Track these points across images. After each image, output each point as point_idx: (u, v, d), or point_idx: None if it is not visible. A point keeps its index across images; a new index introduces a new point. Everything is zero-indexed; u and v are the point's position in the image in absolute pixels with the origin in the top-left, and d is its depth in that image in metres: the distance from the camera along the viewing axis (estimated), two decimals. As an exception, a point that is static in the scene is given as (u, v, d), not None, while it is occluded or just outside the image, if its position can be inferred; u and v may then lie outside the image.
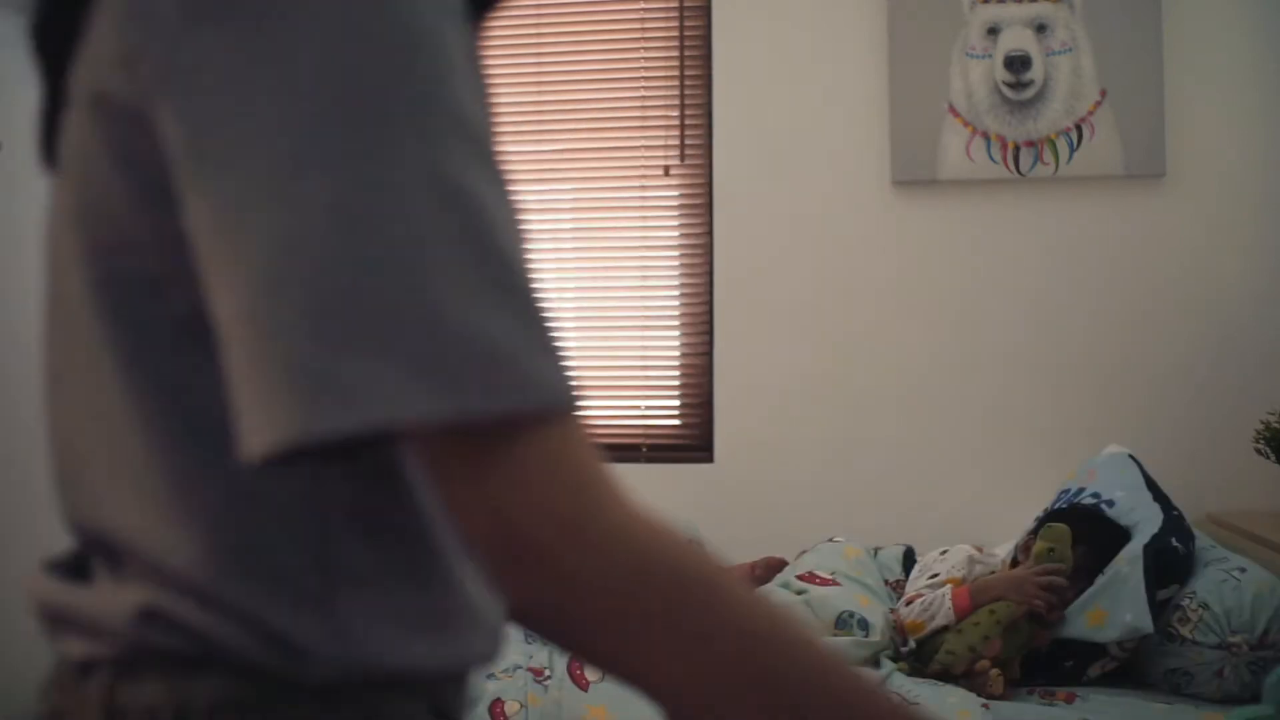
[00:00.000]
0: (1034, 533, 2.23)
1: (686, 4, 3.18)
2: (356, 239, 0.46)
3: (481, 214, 0.48)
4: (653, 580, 0.50)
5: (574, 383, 0.50)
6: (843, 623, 2.08)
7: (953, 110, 2.97)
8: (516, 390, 0.47)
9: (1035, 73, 2.93)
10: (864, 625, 2.07)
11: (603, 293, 3.18)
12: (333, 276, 0.46)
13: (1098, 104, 2.91)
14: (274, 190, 0.47)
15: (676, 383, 3.17)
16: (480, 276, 0.48)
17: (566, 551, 0.49)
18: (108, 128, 0.52)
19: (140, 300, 0.54)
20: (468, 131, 0.49)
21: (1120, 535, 2.16)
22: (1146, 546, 2.04)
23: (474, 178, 0.49)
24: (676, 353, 3.18)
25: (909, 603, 2.15)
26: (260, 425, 0.46)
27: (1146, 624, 1.96)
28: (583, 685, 1.89)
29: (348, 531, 0.55)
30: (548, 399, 0.48)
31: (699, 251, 3.15)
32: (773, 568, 2.48)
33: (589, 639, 0.51)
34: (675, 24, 3.20)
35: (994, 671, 1.96)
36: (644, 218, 3.19)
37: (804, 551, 2.47)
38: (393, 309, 0.46)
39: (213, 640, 0.53)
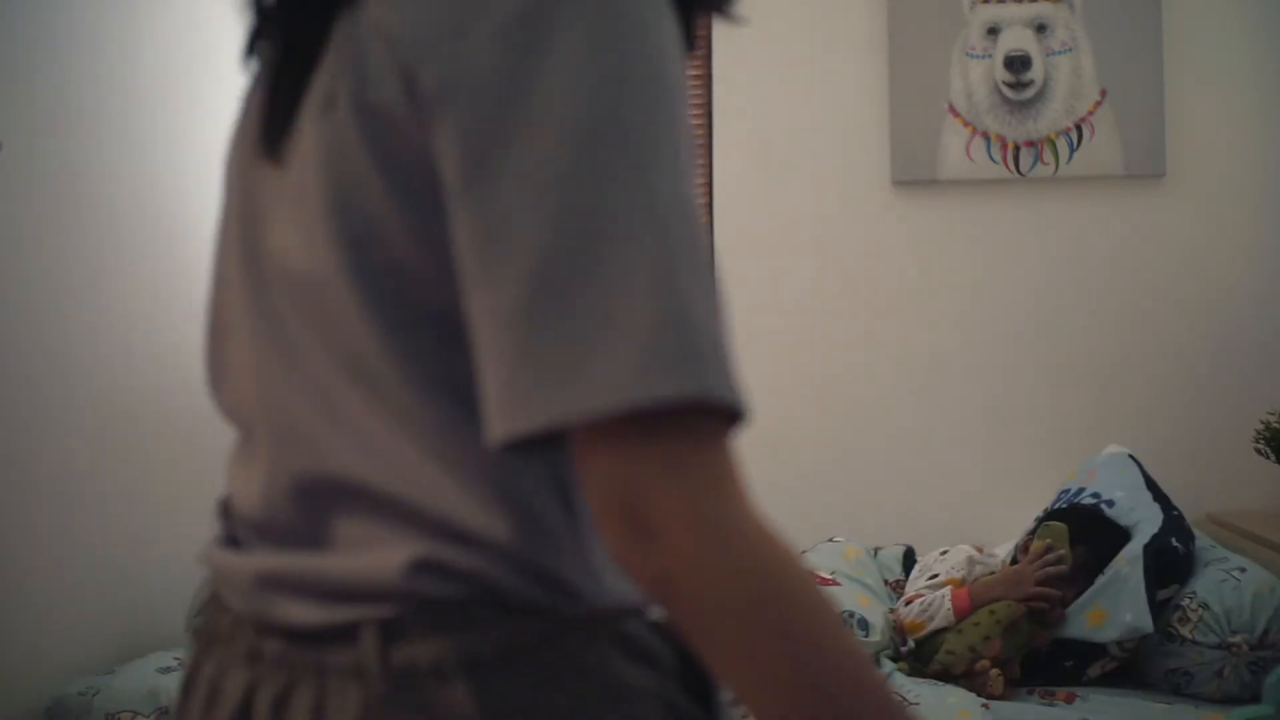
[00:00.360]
0: (1033, 533, 2.23)
1: (686, 4, 3.18)
2: (614, 251, 0.53)
3: (700, 230, 0.56)
4: (768, 588, 0.55)
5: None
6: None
7: (953, 110, 2.97)
8: (725, 386, 0.54)
9: (1035, 73, 2.93)
10: (864, 625, 2.06)
11: (603, 293, 3.17)
12: (592, 286, 0.52)
13: (1098, 104, 2.91)
14: (541, 206, 0.53)
15: (676, 383, 3.16)
16: (705, 286, 0.55)
17: (698, 541, 0.53)
18: (375, 133, 0.57)
19: (397, 289, 0.59)
20: (688, 158, 0.57)
21: (1120, 535, 2.16)
22: (1146, 546, 2.04)
23: (692, 198, 0.56)
24: (676, 353, 3.17)
25: (908, 603, 2.15)
26: (509, 416, 0.53)
27: (1146, 624, 1.96)
28: None
29: (579, 488, 0.58)
30: (735, 398, 0.55)
31: (699, 251, 3.15)
32: None
33: (689, 626, 0.55)
34: (675, 24, 3.19)
35: (994, 671, 1.96)
36: (644, 218, 3.17)
37: (804, 551, 2.46)
38: (641, 311, 0.52)
39: (490, 584, 0.58)
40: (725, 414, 0.54)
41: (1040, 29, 2.94)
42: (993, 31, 2.96)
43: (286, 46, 0.63)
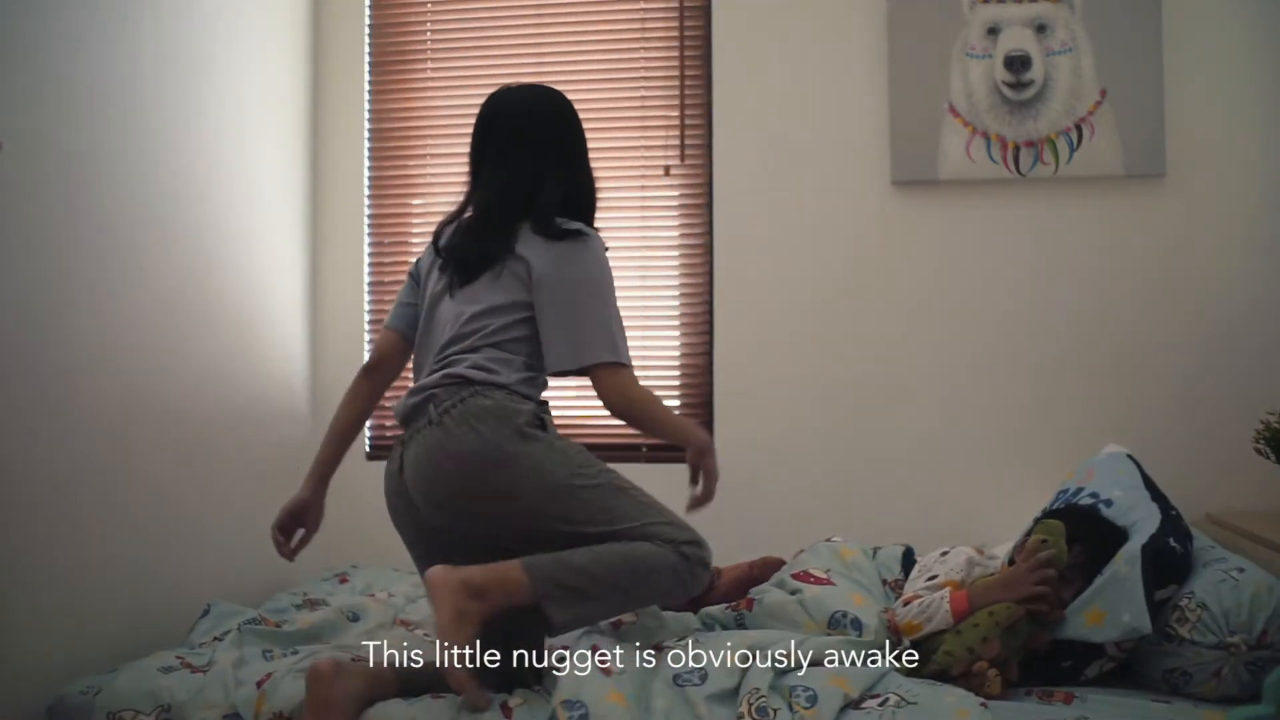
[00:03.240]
0: (1030, 533, 2.22)
1: (686, 4, 3.19)
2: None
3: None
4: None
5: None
6: (835, 622, 2.08)
7: (953, 110, 2.97)
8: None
9: (1035, 73, 2.93)
10: (856, 624, 2.06)
11: (603, 293, 3.21)
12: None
13: (1098, 104, 2.91)
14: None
15: (676, 383, 3.18)
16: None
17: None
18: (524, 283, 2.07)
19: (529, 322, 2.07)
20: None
21: (1118, 535, 2.16)
22: (1145, 547, 2.04)
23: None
24: (676, 353, 3.18)
25: (906, 603, 2.15)
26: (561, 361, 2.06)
27: (1145, 624, 1.95)
28: (607, 672, 1.88)
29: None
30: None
31: (699, 251, 3.15)
32: (770, 566, 2.48)
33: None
34: (675, 24, 3.20)
35: (991, 672, 1.95)
36: (644, 218, 3.19)
37: (801, 551, 2.46)
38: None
39: (533, 399, 2.06)
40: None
41: (1040, 29, 2.94)
42: (993, 31, 2.96)
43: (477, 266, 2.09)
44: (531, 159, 2.10)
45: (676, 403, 3.17)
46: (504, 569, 1.86)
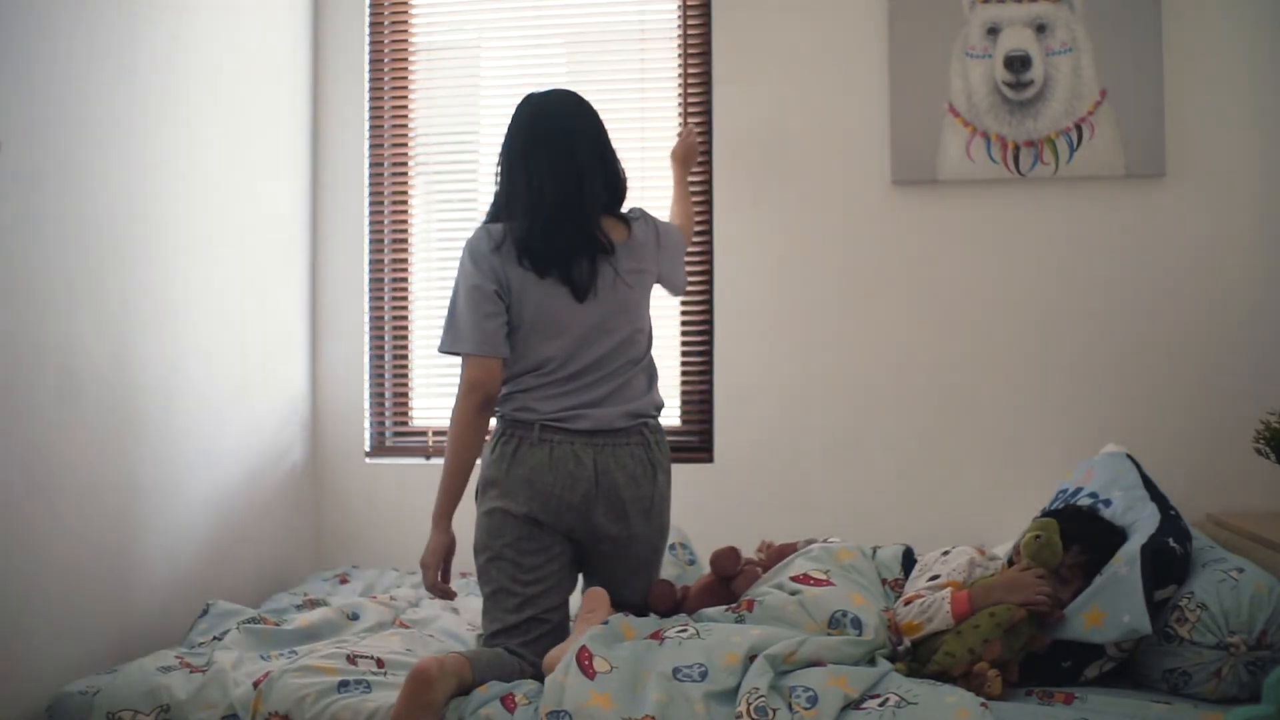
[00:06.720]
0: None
1: (687, 4, 3.19)
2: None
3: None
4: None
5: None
6: (835, 621, 2.08)
7: (953, 110, 2.97)
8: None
9: (1035, 73, 2.93)
10: (856, 624, 2.06)
11: (603, 293, 3.20)
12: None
13: (1098, 104, 2.91)
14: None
15: (676, 383, 3.17)
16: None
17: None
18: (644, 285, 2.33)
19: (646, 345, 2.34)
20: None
21: (1117, 536, 2.15)
22: (1144, 547, 2.04)
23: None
24: (676, 353, 3.18)
25: (907, 603, 2.15)
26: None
27: (1145, 625, 1.95)
28: (589, 675, 1.89)
29: None
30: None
31: (699, 252, 3.15)
32: (781, 551, 2.46)
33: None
34: (675, 24, 3.20)
35: (991, 673, 1.95)
36: (644, 218, 3.18)
37: (797, 556, 2.45)
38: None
39: (657, 416, 2.33)
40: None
41: (1040, 29, 2.94)
42: (993, 31, 2.96)
43: (587, 273, 2.19)
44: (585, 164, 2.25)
45: (677, 402, 3.18)
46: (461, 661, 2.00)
